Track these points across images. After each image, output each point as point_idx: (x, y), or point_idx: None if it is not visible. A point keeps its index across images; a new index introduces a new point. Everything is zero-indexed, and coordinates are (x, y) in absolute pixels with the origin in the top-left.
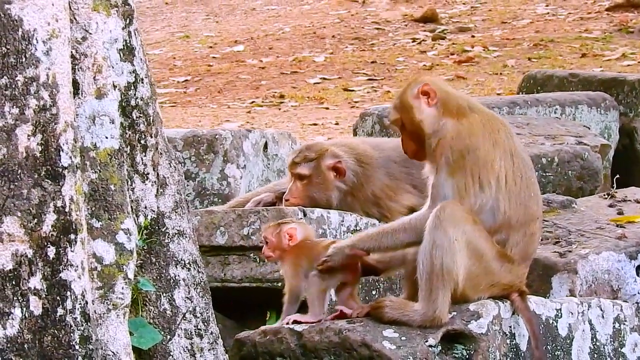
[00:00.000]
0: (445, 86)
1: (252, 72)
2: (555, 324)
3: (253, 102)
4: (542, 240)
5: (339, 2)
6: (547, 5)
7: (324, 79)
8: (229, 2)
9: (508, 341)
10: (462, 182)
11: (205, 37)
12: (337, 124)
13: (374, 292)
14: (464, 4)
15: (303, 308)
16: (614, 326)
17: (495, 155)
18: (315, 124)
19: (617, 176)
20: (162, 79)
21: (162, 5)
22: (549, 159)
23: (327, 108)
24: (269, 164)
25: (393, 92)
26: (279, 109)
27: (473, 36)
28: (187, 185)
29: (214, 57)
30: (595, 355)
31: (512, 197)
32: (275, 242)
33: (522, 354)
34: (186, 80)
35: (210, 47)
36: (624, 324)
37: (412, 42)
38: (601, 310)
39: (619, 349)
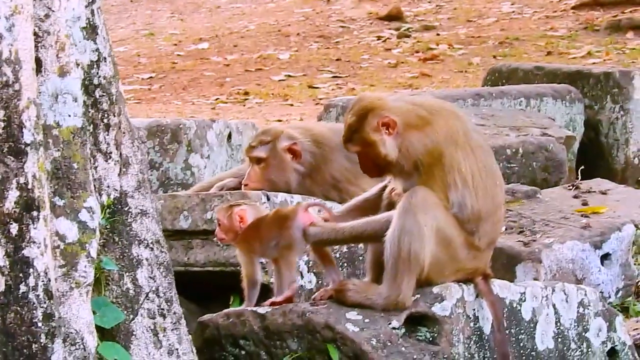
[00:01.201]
0: (399, 102)
1: (216, 70)
2: (519, 308)
3: (217, 98)
4: (506, 229)
5: (304, 0)
6: (512, 4)
7: (289, 76)
8: (194, 0)
9: (472, 324)
10: (432, 187)
11: (170, 35)
12: (301, 119)
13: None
14: (429, 2)
15: (264, 292)
16: (578, 311)
17: (459, 157)
18: (279, 120)
19: (582, 167)
20: (127, 75)
21: (127, 3)
22: (514, 150)
23: (292, 105)
24: (232, 154)
25: (357, 89)
26: (244, 106)
27: (438, 34)
28: (151, 175)
29: (178, 55)
30: (559, 339)
31: (480, 192)
32: (227, 225)
33: (486, 337)
34: (151, 77)
35: (175, 44)
36: (588, 308)
37: (377, 40)
38: (565, 294)
39: (583, 334)
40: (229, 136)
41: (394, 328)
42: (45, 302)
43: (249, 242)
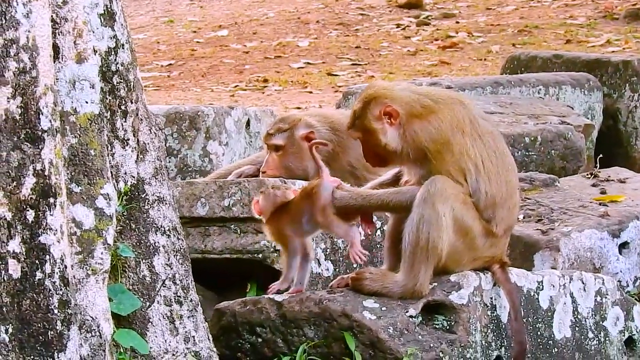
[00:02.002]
0: (404, 93)
1: (235, 57)
2: (537, 297)
3: (237, 86)
4: (524, 218)
5: None
6: None
7: (308, 63)
8: None
9: (489, 312)
10: (449, 174)
11: (189, 22)
12: (320, 107)
13: (354, 265)
14: None
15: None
16: (595, 299)
17: (467, 144)
18: (298, 108)
19: (600, 156)
20: (146, 62)
21: None
22: (532, 138)
23: (311, 92)
24: (251, 141)
25: (377, 77)
26: (263, 93)
27: (457, 22)
28: (169, 162)
29: (197, 42)
30: (577, 328)
31: (492, 177)
32: (264, 206)
33: (503, 326)
34: (170, 64)
35: (194, 31)
36: (606, 297)
37: (396, 27)
38: (583, 283)
39: (601, 323)
40: (248, 123)
41: (411, 316)
42: (61, 289)
43: (279, 226)
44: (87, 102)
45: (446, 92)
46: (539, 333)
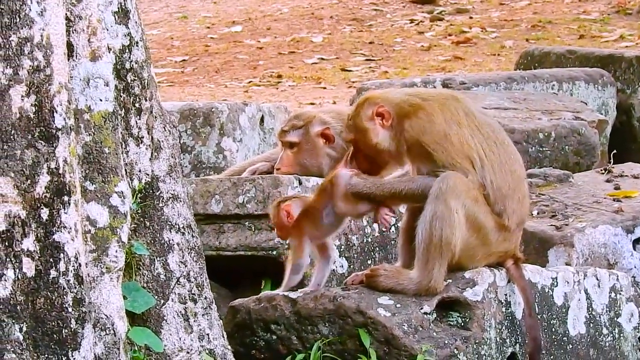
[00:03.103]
0: (395, 95)
1: (249, 52)
2: (551, 293)
3: (250, 81)
4: (538, 213)
5: None
6: None
7: (322, 59)
8: None
9: (503, 309)
10: (454, 166)
11: (203, 18)
12: (334, 103)
13: (369, 262)
14: None
15: (301, 281)
16: (610, 296)
17: (466, 134)
18: (312, 104)
19: (614, 151)
20: (160, 58)
21: None
22: (546, 134)
23: (325, 88)
24: (265, 137)
25: (390, 72)
26: (277, 89)
27: (471, 17)
28: (183, 159)
29: (211, 38)
30: (591, 325)
31: (496, 166)
32: (279, 222)
33: (518, 322)
34: (184, 60)
35: (208, 27)
36: (620, 293)
37: (410, 23)
38: (597, 279)
39: (615, 319)
40: (262, 120)
41: (425, 313)
42: (75, 287)
43: (301, 227)
44: (101, 100)
45: (438, 90)
46: (553, 329)
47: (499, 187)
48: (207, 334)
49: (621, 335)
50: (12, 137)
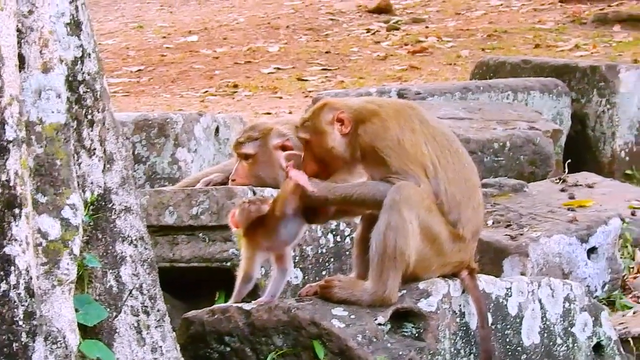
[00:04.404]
0: (352, 101)
1: (205, 62)
2: (505, 303)
3: (207, 91)
4: (493, 223)
5: None
6: None
7: (278, 69)
8: None
9: (458, 320)
10: (407, 173)
11: (159, 28)
12: (290, 112)
13: (323, 273)
14: None
15: (253, 292)
16: (564, 305)
17: (419, 141)
18: (269, 113)
19: (569, 161)
20: (116, 68)
21: None
22: (501, 144)
23: (281, 97)
24: (220, 148)
25: (347, 82)
26: (233, 99)
27: (427, 27)
28: (138, 169)
29: (167, 47)
30: (545, 335)
31: (450, 174)
32: (240, 221)
33: (472, 332)
34: (139, 69)
35: (164, 37)
36: (574, 303)
37: (366, 32)
38: (551, 289)
39: (569, 329)
40: (217, 130)
41: (379, 324)
42: (26, 301)
43: (254, 236)
44: (53, 112)
45: (393, 99)
46: (507, 340)
47: (453, 195)
48: (160, 347)
49: (575, 344)
50: None
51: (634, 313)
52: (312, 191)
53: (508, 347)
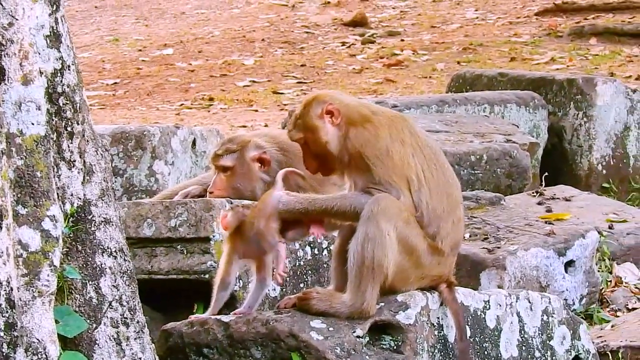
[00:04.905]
0: (345, 98)
1: (181, 75)
2: (484, 316)
3: (182, 104)
4: (470, 236)
5: (268, 6)
6: (476, 10)
7: (254, 82)
8: (159, 6)
9: (436, 332)
10: (390, 184)
11: (135, 41)
12: (266, 125)
13: (301, 285)
14: (393, 8)
15: (231, 303)
16: (542, 319)
17: (408, 153)
18: (244, 126)
19: (546, 174)
20: (91, 81)
21: (91, 9)
22: (478, 157)
23: (257, 110)
24: (197, 160)
25: None
26: (208, 111)
27: (402, 40)
28: (115, 182)
29: (143, 60)
30: (524, 348)
31: (433, 188)
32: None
33: (450, 345)
34: (115, 83)
35: (140, 50)
36: (552, 316)
37: (342, 45)
38: (529, 302)
39: (547, 342)
40: (194, 143)
41: (358, 336)
42: (7, 312)
43: (233, 241)
44: (33, 124)
45: (384, 107)
46: (486, 352)
47: (434, 209)
48: (140, 358)
49: (553, 358)
50: None
51: (612, 327)
52: (288, 206)
53: None
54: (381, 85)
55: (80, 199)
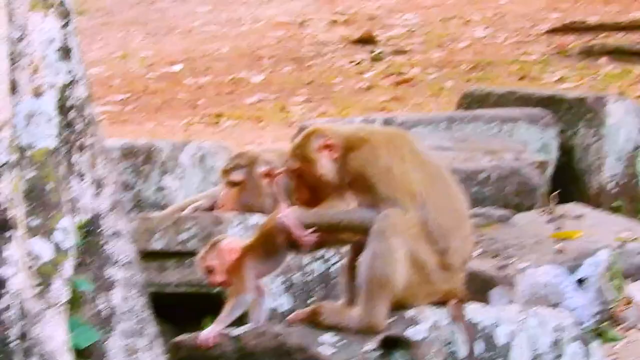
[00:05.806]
0: (345, 130)
1: (189, 92)
2: (494, 332)
3: (190, 120)
4: (480, 253)
5: (276, 23)
6: (485, 28)
7: (261, 99)
8: (167, 23)
9: (446, 348)
10: (395, 200)
11: (143, 57)
12: (274, 142)
13: (311, 299)
14: (402, 26)
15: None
16: (553, 335)
17: (408, 169)
18: (252, 143)
19: (557, 192)
20: (100, 97)
21: (99, 26)
22: (487, 175)
23: (265, 127)
24: (206, 176)
25: (330, 112)
26: (216, 128)
27: (411, 58)
28: (124, 196)
29: (151, 77)
30: None
31: (438, 204)
32: (220, 263)
33: None
34: (123, 99)
35: (148, 66)
36: (564, 333)
37: (350, 63)
38: (541, 318)
39: (559, 358)
40: (202, 158)
41: (367, 351)
42: (19, 322)
43: (242, 265)
44: (43, 137)
45: (383, 127)
46: None
47: (441, 225)
48: None
49: None
50: None
51: (623, 345)
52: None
53: None
54: (389, 103)
55: (90, 211)
